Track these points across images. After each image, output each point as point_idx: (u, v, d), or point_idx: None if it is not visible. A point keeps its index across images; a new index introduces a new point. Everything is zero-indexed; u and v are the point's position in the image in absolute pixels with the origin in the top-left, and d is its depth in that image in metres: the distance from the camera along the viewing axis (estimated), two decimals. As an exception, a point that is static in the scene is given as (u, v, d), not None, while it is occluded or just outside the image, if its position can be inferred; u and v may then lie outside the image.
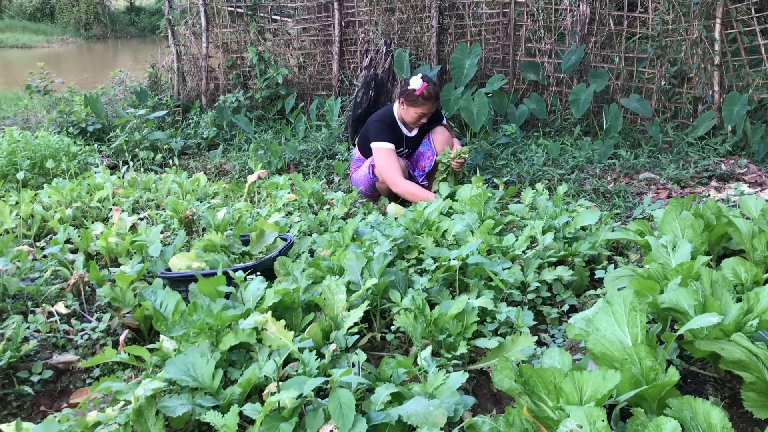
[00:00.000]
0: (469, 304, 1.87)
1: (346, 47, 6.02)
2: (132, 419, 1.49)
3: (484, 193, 3.02)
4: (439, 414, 1.34)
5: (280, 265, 2.29)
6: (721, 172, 4.00)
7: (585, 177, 4.12)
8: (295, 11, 6.47)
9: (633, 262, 2.47)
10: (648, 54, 4.94)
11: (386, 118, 3.71)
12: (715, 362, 1.60)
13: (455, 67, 5.15)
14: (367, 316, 2.13)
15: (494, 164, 4.38)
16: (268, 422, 1.36)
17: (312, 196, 3.71)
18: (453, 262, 2.16)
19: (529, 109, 5.08)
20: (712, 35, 4.62)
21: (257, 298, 1.98)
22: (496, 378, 1.44)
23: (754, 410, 1.36)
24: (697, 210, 2.34)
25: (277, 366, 1.58)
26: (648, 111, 4.85)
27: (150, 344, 1.92)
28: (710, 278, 1.67)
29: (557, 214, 2.82)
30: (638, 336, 1.44)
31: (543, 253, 2.42)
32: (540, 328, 2.09)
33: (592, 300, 2.22)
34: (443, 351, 1.81)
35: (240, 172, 4.75)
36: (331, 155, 4.86)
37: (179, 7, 6.54)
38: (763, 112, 4.56)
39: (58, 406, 1.88)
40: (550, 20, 5.22)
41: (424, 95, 3.52)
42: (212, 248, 2.48)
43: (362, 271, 2.12)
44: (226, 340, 1.72)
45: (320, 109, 5.81)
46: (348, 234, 2.62)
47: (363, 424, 1.33)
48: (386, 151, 3.60)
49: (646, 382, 1.31)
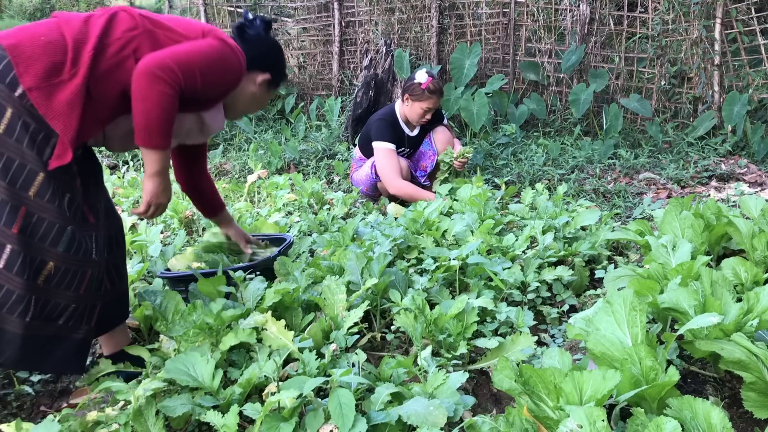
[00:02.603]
0: (469, 304, 1.87)
1: (346, 47, 6.02)
2: (132, 419, 1.49)
3: (484, 193, 3.02)
4: (439, 414, 1.34)
5: (280, 265, 2.29)
6: (721, 172, 4.00)
7: (585, 177, 4.12)
8: (295, 11, 6.47)
9: (633, 262, 2.47)
10: (648, 54, 4.94)
11: (388, 118, 3.70)
12: (715, 362, 1.60)
13: (455, 67, 5.15)
14: (367, 316, 2.13)
15: (494, 164, 4.38)
16: (268, 422, 1.36)
17: (312, 196, 3.71)
18: (453, 262, 2.16)
19: (529, 109, 5.08)
20: (712, 35, 4.62)
21: (257, 298, 1.98)
22: (496, 378, 1.44)
23: (754, 410, 1.36)
24: (697, 210, 2.34)
25: (277, 366, 1.58)
26: (648, 111, 4.85)
27: (150, 344, 1.92)
28: (710, 278, 1.67)
29: (557, 214, 2.82)
30: (638, 336, 1.44)
31: (543, 253, 2.42)
32: (540, 328, 2.09)
33: (592, 300, 2.22)
34: (443, 351, 1.81)
35: (240, 172, 4.75)
36: (331, 155, 4.86)
37: (179, 7, 6.54)
38: (763, 112, 4.56)
39: (58, 406, 1.87)
40: (550, 20, 5.22)
41: (430, 89, 3.52)
42: (211, 249, 2.48)
43: (362, 271, 2.12)
44: (226, 340, 1.72)
45: (320, 109, 5.81)
46: (348, 234, 2.62)
47: (363, 424, 1.33)
48: (387, 151, 3.60)
49: (646, 382, 1.31)
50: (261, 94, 2.05)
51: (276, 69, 2.06)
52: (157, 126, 1.67)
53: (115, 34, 1.66)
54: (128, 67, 1.65)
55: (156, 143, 1.70)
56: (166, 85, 1.61)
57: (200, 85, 1.70)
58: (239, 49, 1.83)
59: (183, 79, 1.64)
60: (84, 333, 1.74)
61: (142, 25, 1.70)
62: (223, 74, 1.78)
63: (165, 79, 1.61)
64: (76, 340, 1.73)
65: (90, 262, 1.70)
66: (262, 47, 2.02)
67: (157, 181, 1.78)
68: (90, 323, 1.76)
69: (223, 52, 1.76)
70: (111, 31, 1.66)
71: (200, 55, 1.69)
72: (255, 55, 1.95)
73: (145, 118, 1.65)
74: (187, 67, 1.65)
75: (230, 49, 1.78)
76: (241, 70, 1.84)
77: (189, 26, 1.78)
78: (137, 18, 1.70)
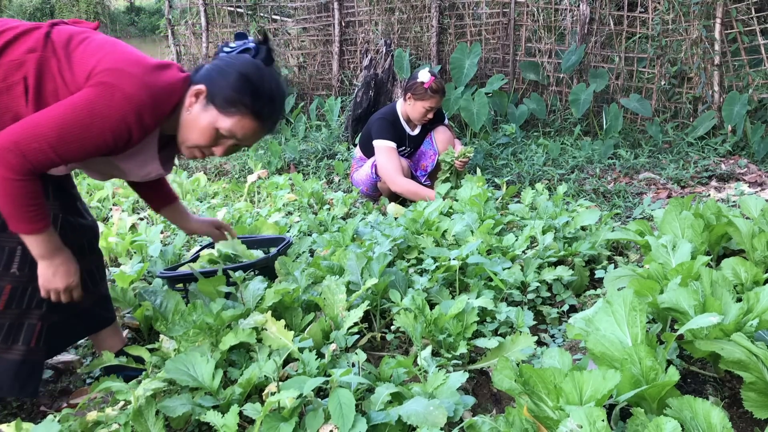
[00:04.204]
0: (469, 304, 1.87)
1: (346, 47, 6.02)
2: (132, 419, 1.49)
3: (484, 193, 3.02)
4: (439, 414, 1.34)
5: (281, 264, 2.29)
6: (721, 172, 4.00)
7: (585, 177, 4.12)
8: (295, 11, 6.47)
9: (633, 262, 2.46)
10: (648, 54, 4.94)
11: (389, 116, 3.71)
12: (715, 362, 1.60)
13: (455, 67, 5.15)
14: (367, 316, 2.13)
15: (494, 164, 4.38)
16: (268, 422, 1.36)
17: (312, 196, 3.71)
18: (453, 262, 2.16)
19: (529, 109, 5.08)
20: (712, 35, 4.62)
21: (257, 298, 1.98)
22: (496, 378, 1.44)
23: (754, 410, 1.36)
24: (697, 210, 2.34)
25: (277, 366, 1.58)
26: (648, 111, 4.85)
27: (150, 344, 1.92)
28: (710, 278, 1.67)
29: (557, 214, 2.82)
30: (638, 336, 1.44)
31: (543, 253, 2.42)
32: (540, 328, 2.09)
33: (592, 300, 2.22)
34: (443, 351, 1.81)
35: (240, 172, 4.75)
36: (331, 155, 4.86)
37: (179, 7, 6.54)
38: (763, 112, 4.56)
39: (58, 406, 1.87)
40: (550, 20, 5.22)
41: (432, 88, 3.53)
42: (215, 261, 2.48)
43: (362, 271, 2.12)
44: (226, 340, 1.72)
45: (320, 109, 5.81)
46: (348, 234, 2.62)
47: (363, 424, 1.33)
48: (387, 150, 3.60)
49: (646, 382, 1.31)
50: (196, 112, 1.60)
51: (217, 84, 1.59)
52: (14, 212, 1.50)
53: (13, 53, 1.50)
54: (16, 94, 1.50)
55: (22, 229, 1.53)
56: (7, 170, 1.44)
57: (60, 157, 1.49)
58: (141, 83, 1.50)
59: (30, 160, 1.45)
60: (22, 354, 1.65)
61: (42, 49, 1.51)
62: (87, 136, 1.48)
63: (5, 163, 1.44)
64: (9, 360, 1.64)
65: (7, 275, 1.61)
66: (218, 62, 1.65)
67: (44, 264, 1.59)
68: (28, 342, 1.66)
69: (92, 108, 1.46)
70: (9, 50, 1.50)
71: (52, 128, 1.45)
72: (203, 71, 1.64)
73: (2, 207, 1.51)
74: (34, 146, 1.44)
75: (109, 96, 1.47)
76: (126, 115, 1.49)
77: (84, 64, 1.51)
78: (41, 40, 1.52)
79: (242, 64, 1.61)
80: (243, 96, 1.58)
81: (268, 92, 1.62)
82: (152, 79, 1.53)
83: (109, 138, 1.50)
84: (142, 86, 1.50)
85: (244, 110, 1.59)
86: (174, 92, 1.58)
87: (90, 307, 1.89)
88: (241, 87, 1.58)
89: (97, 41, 1.56)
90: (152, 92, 1.51)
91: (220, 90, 1.58)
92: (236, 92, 1.58)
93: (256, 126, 1.63)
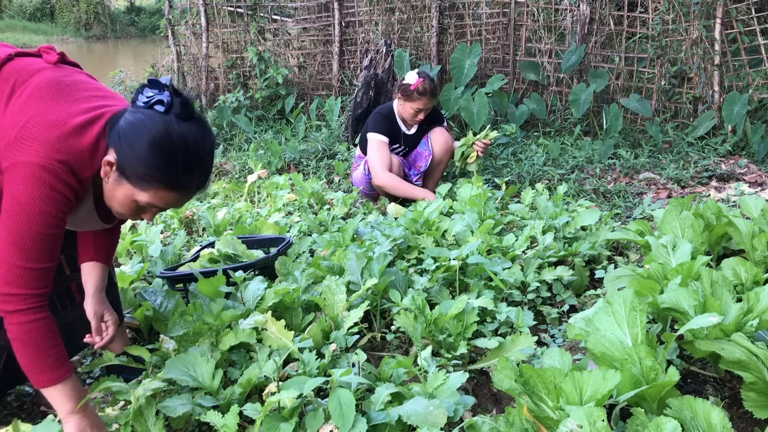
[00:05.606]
0: (469, 304, 1.87)
1: (346, 47, 6.02)
2: (132, 419, 1.49)
3: (484, 193, 3.02)
4: (439, 414, 1.34)
5: (281, 264, 2.29)
6: (721, 172, 4.00)
7: (585, 177, 4.12)
8: (295, 11, 6.47)
9: (633, 262, 2.46)
10: (648, 54, 4.94)
11: (386, 112, 3.74)
12: (715, 362, 1.60)
13: (455, 67, 5.15)
14: (367, 316, 2.13)
15: (494, 164, 4.38)
16: (268, 422, 1.36)
17: (312, 196, 3.71)
18: (453, 262, 2.16)
19: (529, 109, 5.08)
20: (712, 35, 4.62)
21: (257, 298, 1.99)
22: (496, 378, 1.44)
23: (754, 410, 1.36)
24: (697, 210, 2.34)
25: (277, 366, 1.58)
26: (648, 111, 4.85)
27: (150, 344, 1.92)
28: (710, 278, 1.67)
29: (557, 214, 2.82)
30: (638, 336, 1.44)
31: (543, 253, 2.42)
32: (540, 328, 2.09)
33: (592, 300, 2.22)
34: (443, 351, 1.81)
35: (240, 172, 4.75)
36: (331, 155, 4.87)
37: (179, 7, 6.54)
38: (763, 112, 4.56)
39: (58, 406, 1.87)
40: (550, 20, 5.22)
41: (419, 90, 3.54)
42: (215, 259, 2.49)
43: (362, 271, 2.12)
44: (226, 340, 1.72)
45: (320, 109, 5.82)
46: (348, 234, 2.62)
47: (363, 424, 1.33)
48: (378, 143, 3.61)
49: (646, 382, 1.31)
50: (111, 183, 1.45)
51: (125, 156, 1.40)
52: (35, 361, 1.39)
53: None
54: None
55: (45, 381, 1.41)
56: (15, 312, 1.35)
57: (37, 261, 1.39)
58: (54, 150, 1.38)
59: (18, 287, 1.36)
60: None
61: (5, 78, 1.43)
62: (39, 230, 1.38)
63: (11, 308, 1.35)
64: None
65: None
66: (128, 123, 1.42)
67: (72, 423, 1.44)
68: None
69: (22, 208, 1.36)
70: None
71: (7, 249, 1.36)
72: (115, 132, 1.43)
73: (21, 358, 1.40)
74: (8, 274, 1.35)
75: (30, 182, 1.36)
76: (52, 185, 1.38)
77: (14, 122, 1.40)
78: None
79: (150, 130, 1.39)
80: (153, 171, 1.40)
81: (182, 161, 1.42)
82: (68, 144, 1.40)
83: (57, 214, 1.40)
84: (56, 152, 1.38)
85: (157, 185, 1.42)
86: (96, 153, 1.45)
87: (74, 320, 1.85)
88: (151, 161, 1.39)
89: (26, 94, 1.44)
90: (67, 157, 1.39)
91: (129, 163, 1.40)
92: (145, 167, 1.40)
93: (176, 195, 1.48)
